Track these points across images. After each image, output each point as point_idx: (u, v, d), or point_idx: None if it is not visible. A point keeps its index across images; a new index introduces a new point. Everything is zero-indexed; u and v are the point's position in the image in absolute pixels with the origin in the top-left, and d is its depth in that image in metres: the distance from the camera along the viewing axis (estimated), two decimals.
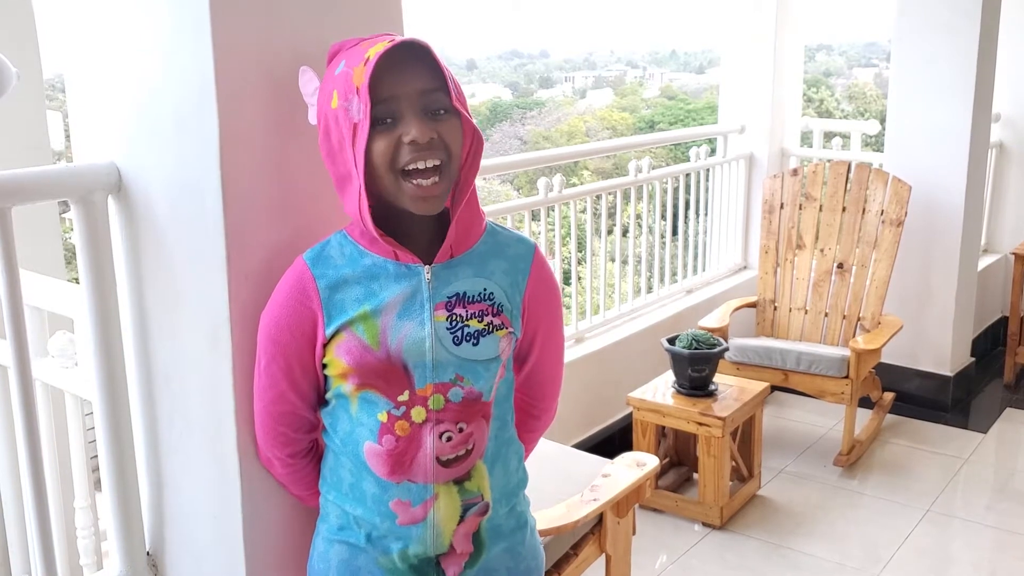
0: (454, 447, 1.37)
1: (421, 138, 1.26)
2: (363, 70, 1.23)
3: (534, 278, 1.43)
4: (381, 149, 1.27)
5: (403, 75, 1.26)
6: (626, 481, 2.32)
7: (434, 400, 1.35)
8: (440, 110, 1.28)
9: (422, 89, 1.27)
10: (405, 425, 1.35)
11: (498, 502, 1.45)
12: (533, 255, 1.44)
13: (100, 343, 1.55)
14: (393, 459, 1.36)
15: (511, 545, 1.48)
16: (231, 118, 1.39)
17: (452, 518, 1.40)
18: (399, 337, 1.33)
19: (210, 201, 1.41)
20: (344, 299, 1.34)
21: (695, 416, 3.33)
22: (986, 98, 4.33)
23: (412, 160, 1.27)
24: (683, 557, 3.21)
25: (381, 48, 1.23)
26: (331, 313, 1.34)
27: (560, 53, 27.35)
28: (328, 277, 1.35)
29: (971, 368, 4.63)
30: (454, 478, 1.39)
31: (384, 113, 1.27)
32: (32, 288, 1.87)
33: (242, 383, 1.46)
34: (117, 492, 1.62)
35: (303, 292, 1.35)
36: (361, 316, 1.33)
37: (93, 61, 1.57)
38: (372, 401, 1.36)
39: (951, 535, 3.40)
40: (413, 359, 1.34)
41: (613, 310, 4.06)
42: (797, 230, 4.33)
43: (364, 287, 1.34)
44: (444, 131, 1.28)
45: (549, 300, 1.47)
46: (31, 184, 1.47)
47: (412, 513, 1.38)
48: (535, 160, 3.92)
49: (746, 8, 4.75)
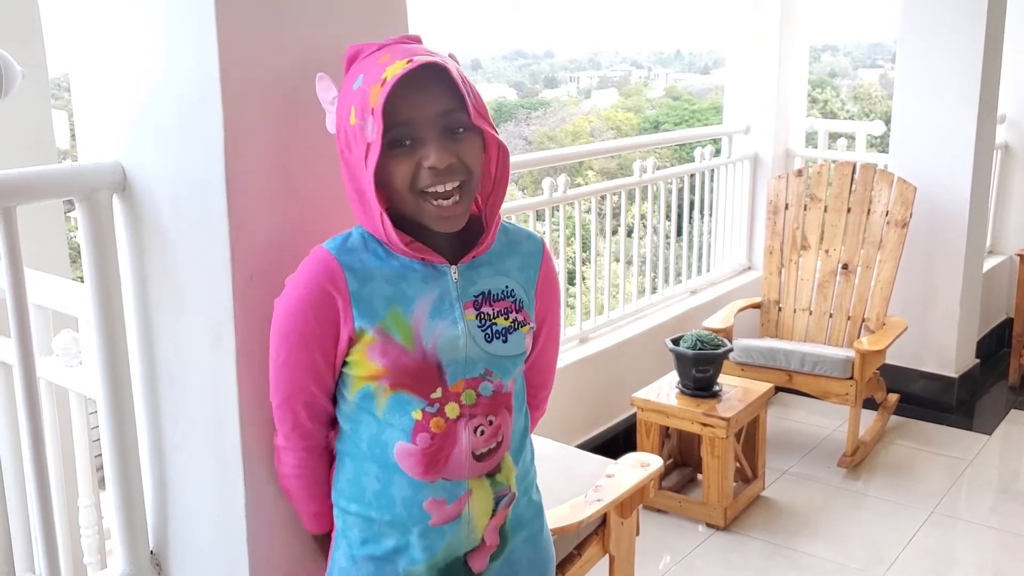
0: (487, 440, 1.38)
1: (440, 163, 1.26)
2: (379, 91, 1.23)
3: (543, 273, 1.47)
4: (401, 172, 1.28)
5: (421, 97, 1.26)
6: (630, 481, 2.32)
7: (466, 395, 1.36)
8: (459, 129, 1.29)
9: (441, 111, 1.27)
10: (440, 422, 1.35)
11: (521, 492, 1.47)
12: (542, 251, 1.48)
13: (104, 341, 1.55)
14: (428, 458, 1.35)
15: (531, 533, 1.50)
16: (235, 117, 1.39)
17: (485, 512, 1.41)
18: (434, 337, 1.34)
19: (214, 200, 1.41)
20: (372, 295, 1.32)
21: (699, 417, 3.32)
22: (991, 99, 4.33)
23: (432, 184, 1.28)
24: (687, 558, 3.21)
25: (399, 69, 1.22)
26: (360, 308, 1.32)
27: (565, 53, 27.34)
28: (356, 269, 1.33)
29: (976, 370, 4.62)
30: (486, 472, 1.40)
31: (403, 135, 1.27)
32: (37, 287, 1.87)
33: (246, 382, 1.46)
34: (121, 490, 1.62)
35: (330, 280, 1.32)
36: (393, 317, 1.33)
37: (98, 60, 1.57)
38: (405, 401, 1.35)
39: (955, 537, 3.39)
40: (448, 357, 1.35)
41: (617, 310, 4.06)
42: (802, 231, 4.32)
43: (393, 287, 1.34)
44: (463, 151, 1.29)
45: (553, 292, 1.51)
46: (36, 183, 1.47)
47: (447, 511, 1.38)
48: (540, 160, 3.91)
49: (750, 8, 4.74)
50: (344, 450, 1.42)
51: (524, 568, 1.49)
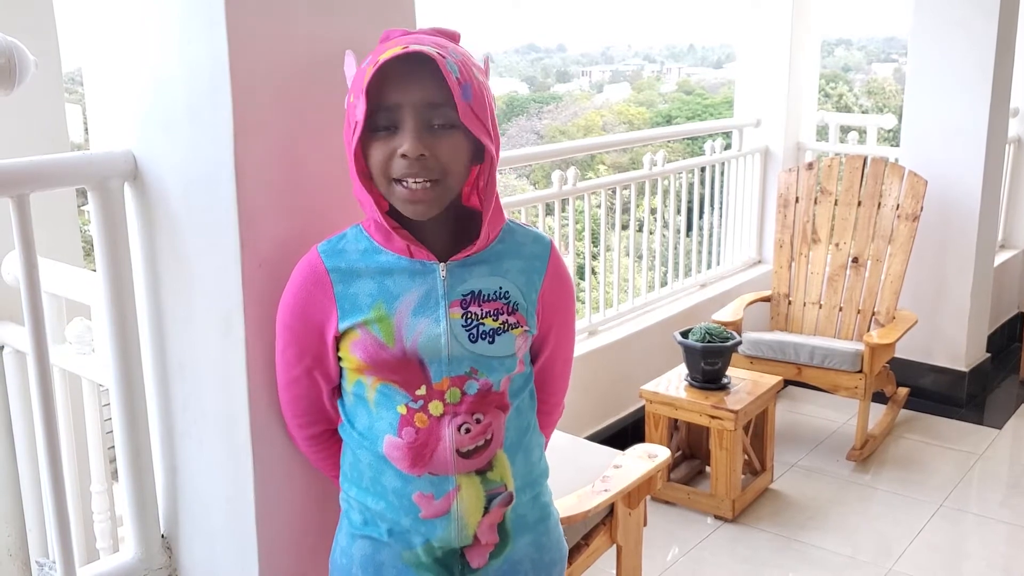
0: (473, 438, 1.38)
1: (411, 152, 1.26)
2: (371, 71, 1.24)
3: (550, 276, 1.43)
4: (378, 156, 1.28)
5: (409, 84, 1.26)
6: (637, 472, 2.33)
7: (450, 394, 1.36)
8: (443, 124, 1.28)
9: (426, 102, 1.27)
10: (424, 418, 1.36)
11: (521, 491, 1.45)
12: (549, 253, 1.44)
13: (115, 328, 1.57)
14: (414, 452, 1.36)
15: (536, 536, 1.49)
16: (245, 107, 1.40)
17: (476, 509, 1.40)
18: (414, 334, 1.34)
19: (224, 189, 1.43)
20: (357, 294, 1.35)
21: (708, 409, 3.33)
22: (1004, 93, 4.31)
23: (403, 175, 1.28)
24: (694, 549, 3.22)
25: (391, 54, 1.23)
26: (344, 307, 1.35)
27: (577, 47, 27.31)
28: (341, 270, 1.36)
29: (986, 364, 4.61)
30: (475, 469, 1.39)
31: (387, 120, 1.27)
32: (51, 275, 1.90)
33: (255, 370, 1.48)
34: (132, 476, 1.64)
35: (316, 283, 1.36)
36: (376, 313, 1.34)
37: (110, 51, 1.59)
38: (390, 395, 1.36)
39: (964, 531, 3.39)
40: (429, 355, 1.35)
41: (627, 303, 4.06)
42: (812, 224, 4.32)
43: (378, 283, 1.35)
44: (441, 147, 1.28)
45: (563, 297, 1.47)
46: (48, 171, 1.49)
47: (435, 506, 1.38)
48: (550, 153, 3.92)
49: (763, 1, 4.73)
50: (344, 438, 1.45)
51: (527, 568, 1.47)
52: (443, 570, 1.42)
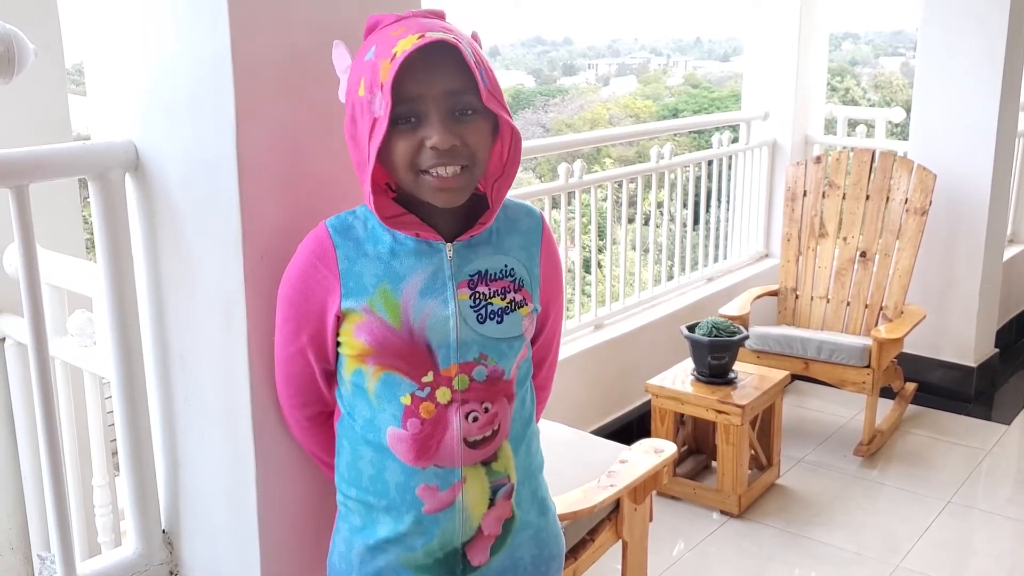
0: (481, 427, 1.36)
1: (443, 144, 1.24)
2: (389, 66, 1.21)
3: (545, 249, 1.43)
4: (402, 149, 1.26)
5: (430, 75, 1.23)
6: (643, 467, 2.31)
7: (459, 380, 1.34)
8: (468, 111, 1.26)
9: (449, 91, 1.24)
10: (430, 407, 1.33)
11: (522, 484, 1.44)
12: (542, 226, 1.44)
13: (116, 320, 1.56)
14: (419, 443, 1.34)
15: (535, 531, 1.47)
16: (247, 96, 1.38)
17: (481, 501, 1.38)
18: (422, 316, 1.32)
19: (226, 179, 1.41)
20: (363, 273, 1.32)
21: (714, 404, 3.31)
22: (1014, 87, 4.27)
23: (433, 165, 1.25)
24: (700, 545, 3.20)
25: (409, 45, 1.20)
26: (349, 286, 1.32)
27: (584, 40, 27.25)
28: (348, 247, 1.33)
29: (995, 359, 4.58)
30: (481, 460, 1.37)
31: (407, 112, 1.24)
32: (52, 267, 1.88)
33: (257, 362, 1.46)
34: (133, 470, 1.63)
35: (322, 258, 1.34)
36: (381, 294, 1.32)
37: (111, 40, 1.57)
38: (395, 384, 1.34)
39: (972, 527, 3.37)
40: (437, 338, 1.32)
41: (633, 297, 4.04)
42: (820, 218, 4.29)
43: (384, 264, 1.33)
44: (469, 134, 1.26)
45: (556, 269, 1.48)
46: (49, 161, 1.47)
47: (440, 498, 1.36)
48: (556, 146, 3.90)
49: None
50: (342, 433, 1.42)
51: (527, 564, 1.46)
52: (444, 570, 1.40)
